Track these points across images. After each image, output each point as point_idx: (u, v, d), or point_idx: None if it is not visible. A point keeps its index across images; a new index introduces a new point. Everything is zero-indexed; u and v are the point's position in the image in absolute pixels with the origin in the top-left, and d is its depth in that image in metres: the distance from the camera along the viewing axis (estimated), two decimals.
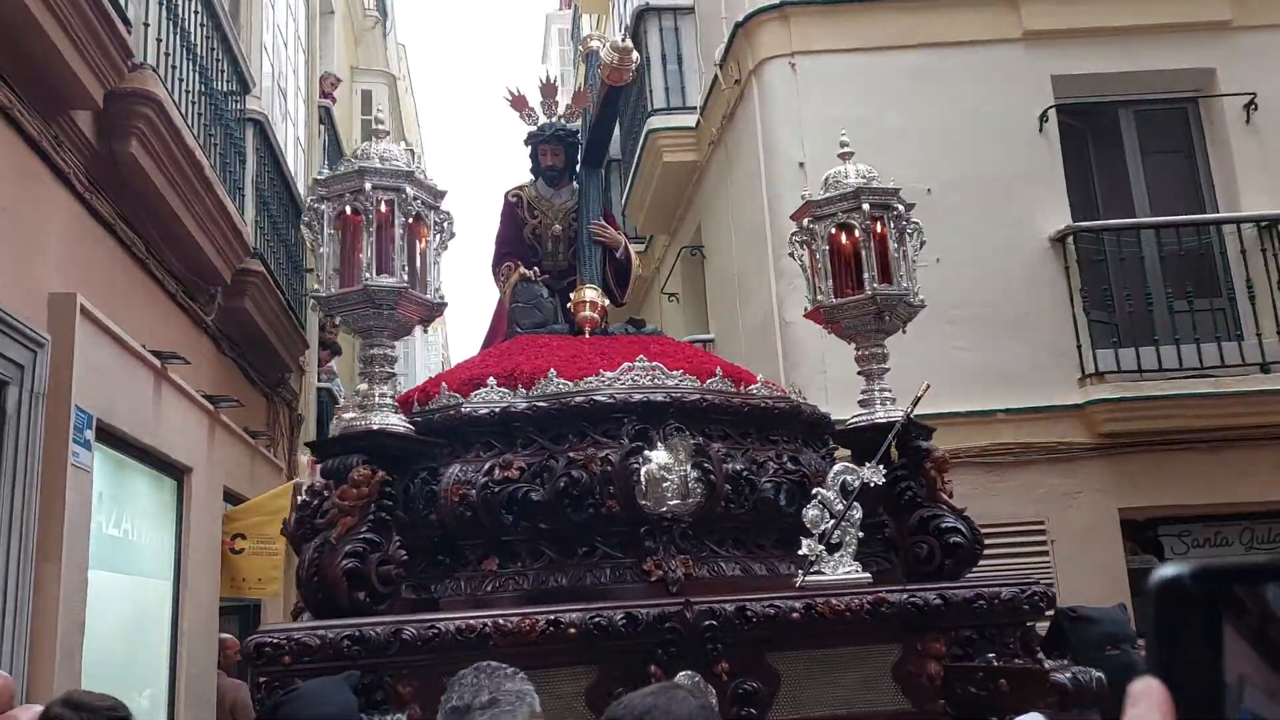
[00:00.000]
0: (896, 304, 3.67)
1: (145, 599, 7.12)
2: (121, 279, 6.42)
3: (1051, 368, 7.85)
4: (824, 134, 8.27)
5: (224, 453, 8.39)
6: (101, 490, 6.03)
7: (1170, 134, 8.53)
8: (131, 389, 6.32)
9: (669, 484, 3.14)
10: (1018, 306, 7.93)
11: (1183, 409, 7.57)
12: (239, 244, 7.93)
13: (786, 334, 8.23)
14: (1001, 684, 2.99)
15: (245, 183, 8.63)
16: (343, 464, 2.98)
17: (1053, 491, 7.78)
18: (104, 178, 6.00)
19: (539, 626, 2.83)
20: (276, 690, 2.65)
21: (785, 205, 8.33)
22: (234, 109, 8.43)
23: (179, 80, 6.77)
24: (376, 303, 3.05)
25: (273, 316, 9.19)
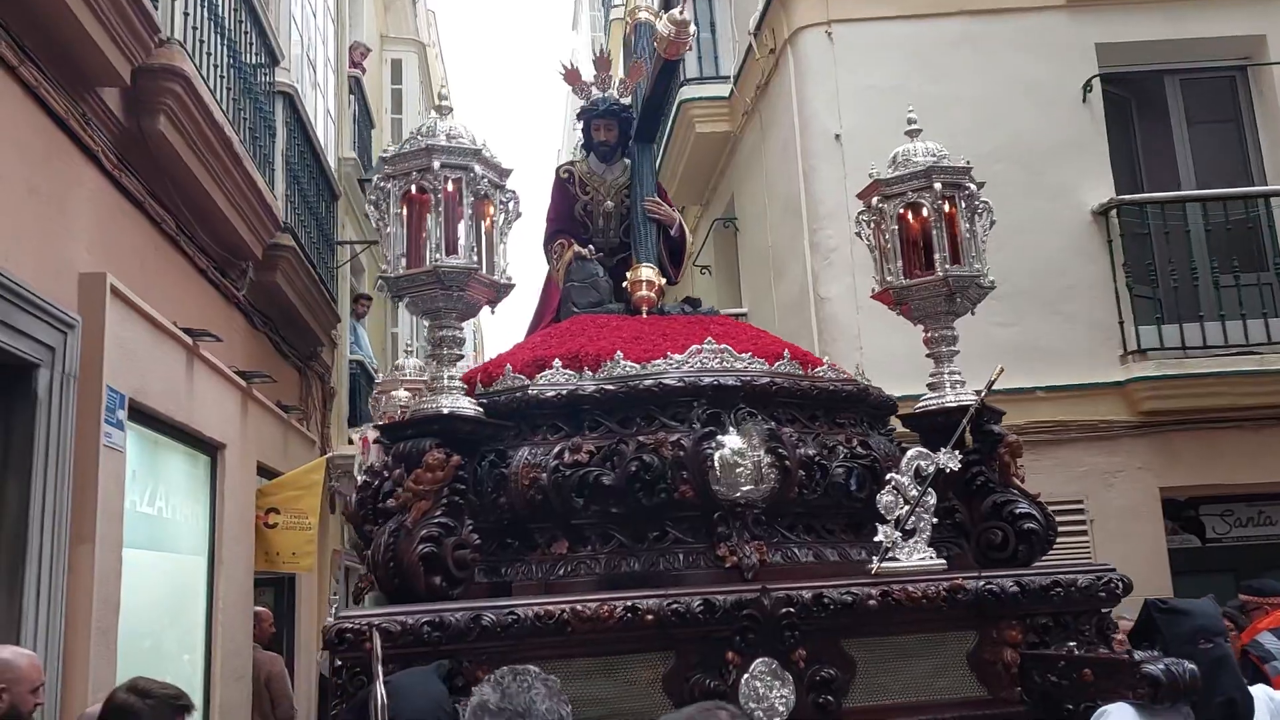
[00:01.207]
0: (968, 285, 3.59)
1: (180, 575, 7.15)
2: (151, 257, 6.39)
3: (1092, 344, 7.77)
4: (861, 104, 8.17)
5: (257, 428, 8.39)
6: (135, 469, 6.04)
7: (1218, 103, 8.38)
8: (163, 367, 6.31)
9: (742, 469, 3.09)
10: (1059, 281, 7.83)
11: (1227, 387, 7.48)
12: (269, 219, 7.90)
13: (821, 309, 8.15)
14: (1086, 673, 2.94)
15: (275, 156, 8.58)
16: (415, 447, 2.94)
17: (1092, 470, 7.71)
18: (133, 155, 5.96)
19: (617, 613, 2.79)
20: (359, 675, 2.62)
21: (820, 178, 8.24)
22: (263, 81, 8.37)
23: (207, 54, 6.72)
24: (446, 284, 2.99)
25: (304, 291, 9.17)
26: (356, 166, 11.81)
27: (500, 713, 1.77)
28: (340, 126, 11.46)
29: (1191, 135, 8.33)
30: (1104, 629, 3.34)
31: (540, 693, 1.81)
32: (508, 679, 1.83)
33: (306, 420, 9.91)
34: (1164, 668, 2.70)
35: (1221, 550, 7.95)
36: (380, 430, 3.33)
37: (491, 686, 1.83)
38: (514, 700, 1.77)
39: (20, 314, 4.53)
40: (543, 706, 1.78)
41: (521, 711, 1.77)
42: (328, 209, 10.43)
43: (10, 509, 4.61)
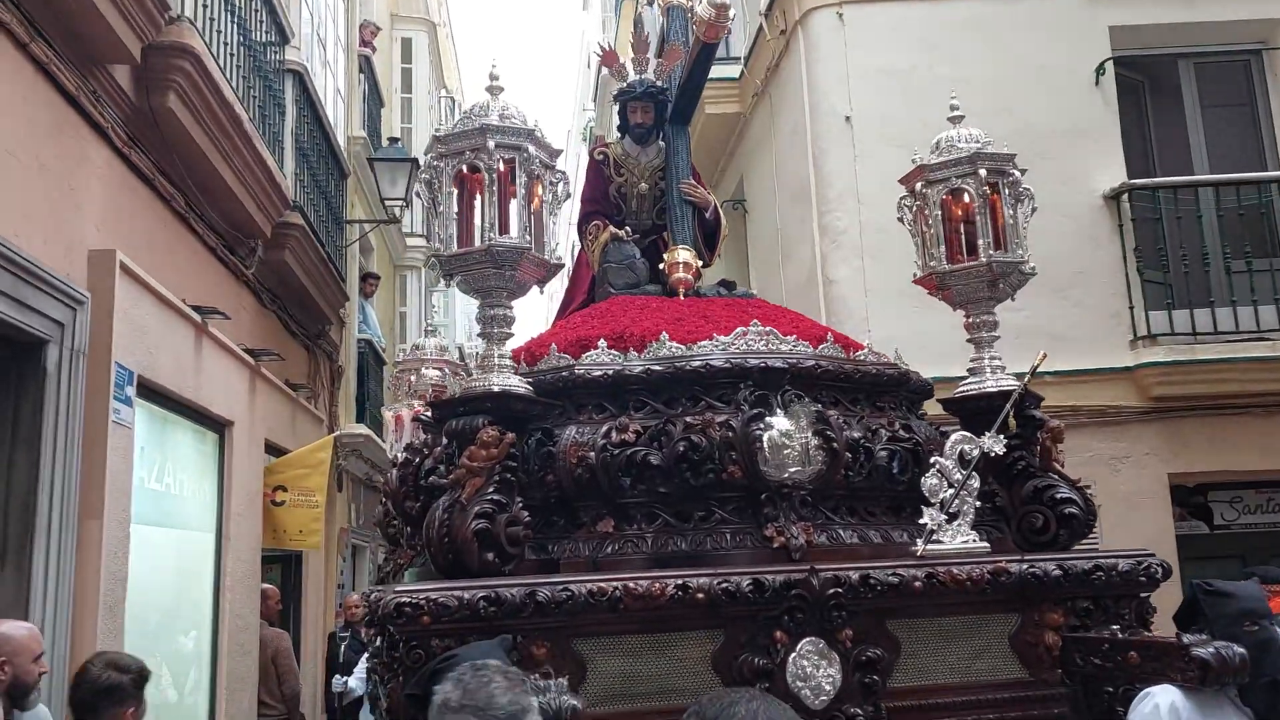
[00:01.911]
0: (1011, 272, 3.61)
1: (188, 551, 7.17)
2: (160, 234, 6.38)
3: (1102, 329, 7.78)
4: (872, 86, 8.15)
5: (265, 406, 8.40)
6: (143, 445, 6.05)
7: (1231, 88, 8.38)
8: (172, 344, 6.31)
9: (790, 451, 3.11)
10: (1069, 266, 7.83)
11: (1237, 373, 7.51)
12: (278, 197, 7.89)
13: (830, 292, 8.15)
14: (1131, 656, 2.97)
15: (284, 134, 8.56)
16: (468, 424, 2.95)
17: (1100, 455, 7.72)
18: (142, 132, 5.95)
19: (669, 591, 2.81)
20: (416, 650, 2.64)
21: (830, 160, 8.23)
22: (273, 60, 8.34)
23: (217, 32, 6.71)
24: (499, 263, 3.00)
25: (312, 269, 9.16)
26: (366, 146, 11.77)
27: (462, 709, 1.78)
28: (350, 105, 11.41)
29: (1205, 119, 8.34)
30: (1143, 613, 3.37)
31: (500, 685, 1.81)
32: (467, 675, 1.84)
33: (314, 399, 9.91)
34: (1214, 651, 2.73)
35: (1229, 537, 8.01)
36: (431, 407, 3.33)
37: (452, 684, 1.84)
38: (474, 696, 1.78)
39: (30, 290, 4.53)
40: (504, 699, 1.78)
41: (482, 706, 1.77)
42: (337, 188, 10.40)
43: (19, 484, 4.63)
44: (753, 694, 1.64)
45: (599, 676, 2.86)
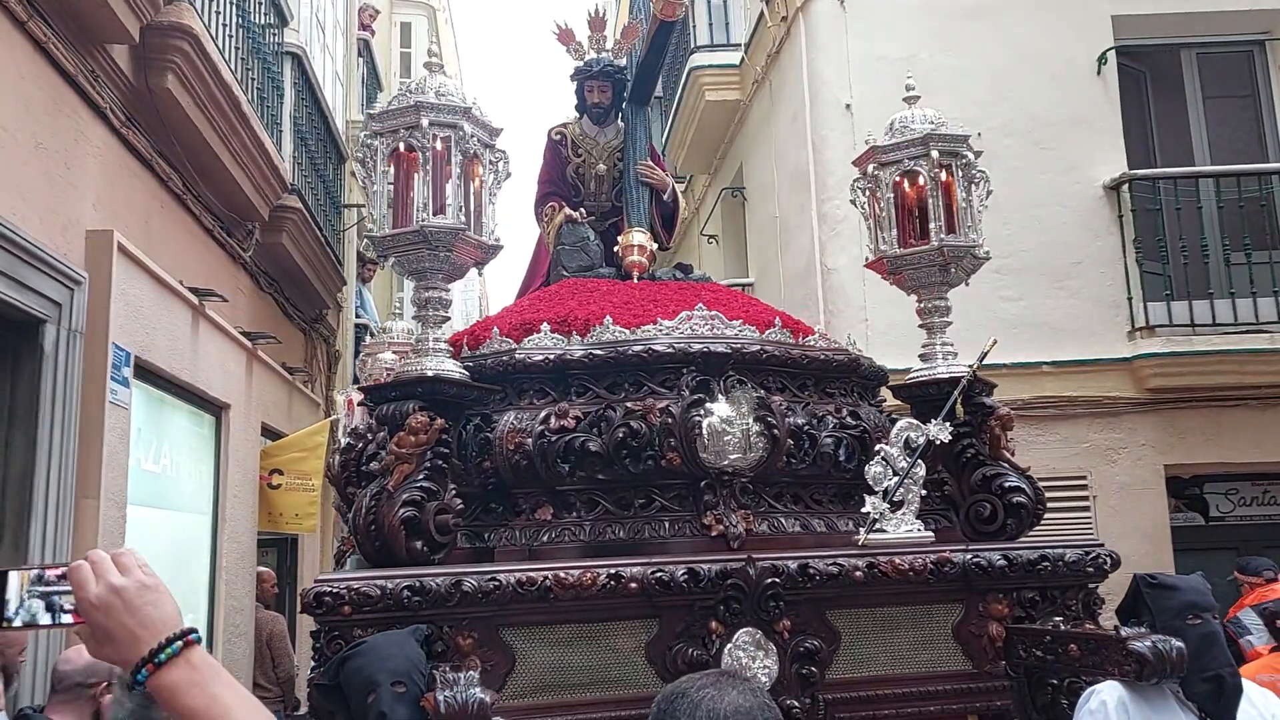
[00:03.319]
0: (963, 256, 3.54)
1: (184, 533, 7.19)
2: (158, 215, 6.39)
3: (1100, 320, 7.72)
4: (872, 74, 8.07)
5: (262, 389, 8.42)
6: (140, 426, 6.06)
7: (1234, 78, 8.26)
8: (169, 326, 6.32)
9: (731, 437, 3.05)
10: (1068, 256, 7.76)
11: (1235, 365, 7.42)
12: (276, 180, 7.89)
13: (828, 280, 8.10)
14: (1072, 649, 2.91)
15: (283, 117, 8.56)
16: (399, 410, 2.91)
17: (1096, 446, 7.68)
18: (140, 113, 5.95)
19: (600, 580, 2.77)
20: (337, 640, 2.61)
21: (830, 148, 8.16)
22: (272, 42, 8.34)
23: (216, 13, 6.71)
24: (433, 244, 2.95)
25: (310, 253, 9.17)
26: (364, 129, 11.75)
27: None
28: (349, 89, 11.41)
29: (1206, 110, 8.23)
30: (1090, 604, 3.31)
31: None
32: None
33: (311, 382, 9.93)
34: (1150, 645, 2.67)
35: (1225, 528, 7.92)
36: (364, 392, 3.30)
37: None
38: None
39: (27, 269, 4.53)
40: None
41: None
42: (335, 171, 10.41)
43: (16, 464, 4.64)
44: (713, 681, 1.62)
45: (529, 667, 2.82)
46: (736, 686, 1.59)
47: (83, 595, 1.36)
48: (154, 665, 1.34)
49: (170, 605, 1.39)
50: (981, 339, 3.70)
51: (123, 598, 1.36)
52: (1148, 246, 7.72)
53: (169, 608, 1.39)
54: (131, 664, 1.35)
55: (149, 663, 1.34)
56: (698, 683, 1.61)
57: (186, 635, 1.37)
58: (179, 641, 1.36)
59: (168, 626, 1.37)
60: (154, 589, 1.38)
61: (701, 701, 1.56)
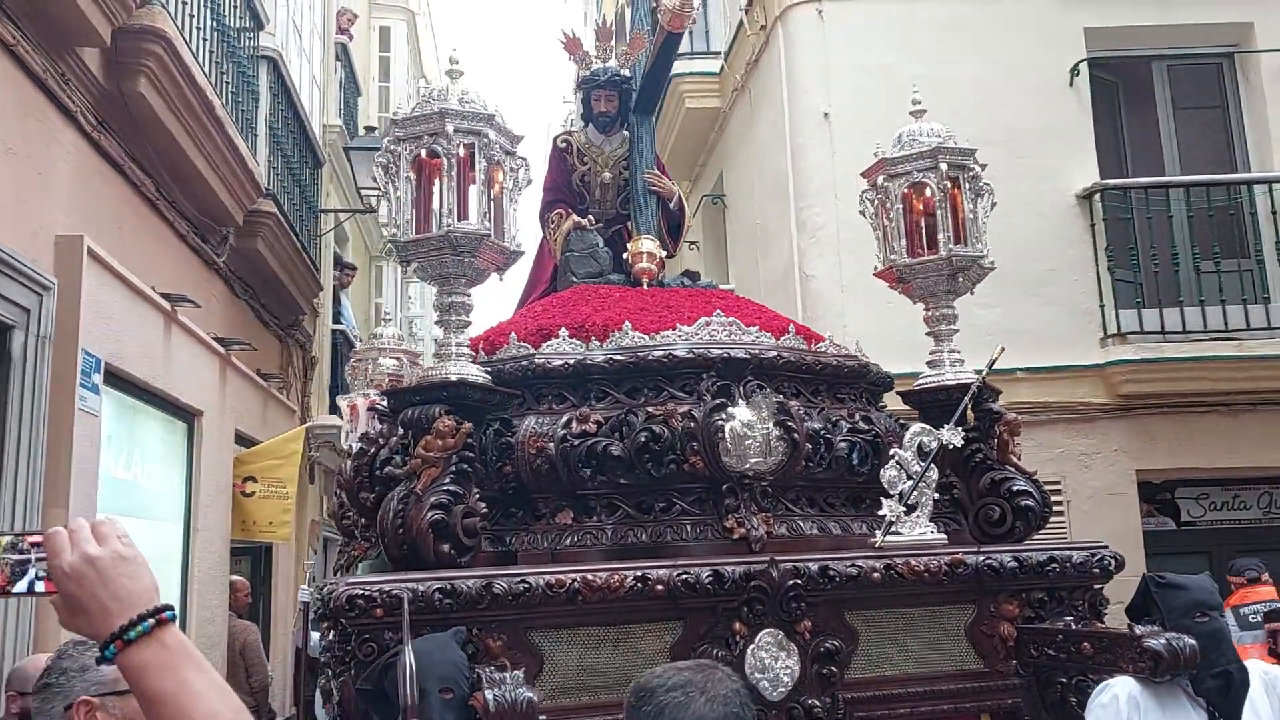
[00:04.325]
0: (970, 266, 3.62)
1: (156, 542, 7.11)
2: (130, 220, 6.34)
3: (1073, 327, 7.84)
4: (850, 84, 8.17)
5: (235, 396, 8.36)
6: (111, 433, 6.01)
7: (1204, 90, 8.45)
8: (141, 332, 6.27)
9: (752, 441, 3.10)
10: (1041, 264, 7.88)
11: (1205, 371, 7.58)
12: (251, 184, 7.85)
13: (807, 287, 8.18)
14: (1085, 647, 2.98)
15: (258, 122, 8.52)
16: (424, 414, 2.92)
17: (1069, 452, 7.79)
18: (112, 117, 5.90)
19: (627, 583, 2.80)
20: (368, 642, 2.62)
21: (809, 156, 8.24)
22: (247, 46, 8.30)
23: (189, 16, 6.67)
24: (458, 249, 2.97)
25: (286, 258, 9.11)
26: (342, 134, 11.72)
27: None
28: (326, 93, 11.36)
29: (1177, 121, 8.41)
30: (1096, 604, 3.39)
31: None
32: None
33: (286, 389, 9.86)
34: (1165, 642, 2.75)
35: (1196, 533, 8.09)
36: (387, 396, 3.31)
37: None
38: None
39: None
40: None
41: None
42: (312, 176, 10.35)
43: None
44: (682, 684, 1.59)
45: (556, 669, 2.84)
46: (706, 692, 1.57)
47: (56, 563, 1.32)
48: (123, 642, 1.29)
49: (147, 579, 1.33)
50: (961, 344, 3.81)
51: (97, 568, 1.31)
52: (1119, 255, 7.88)
53: (145, 581, 1.33)
54: (102, 638, 1.30)
55: (118, 639, 1.29)
56: (669, 682, 1.59)
57: (160, 613, 1.31)
58: (152, 619, 1.29)
59: (142, 601, 1.31)
60: (131, 560, 1.33)
61: (665, 708, 1.55)
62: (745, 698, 1.60)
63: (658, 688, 1.58)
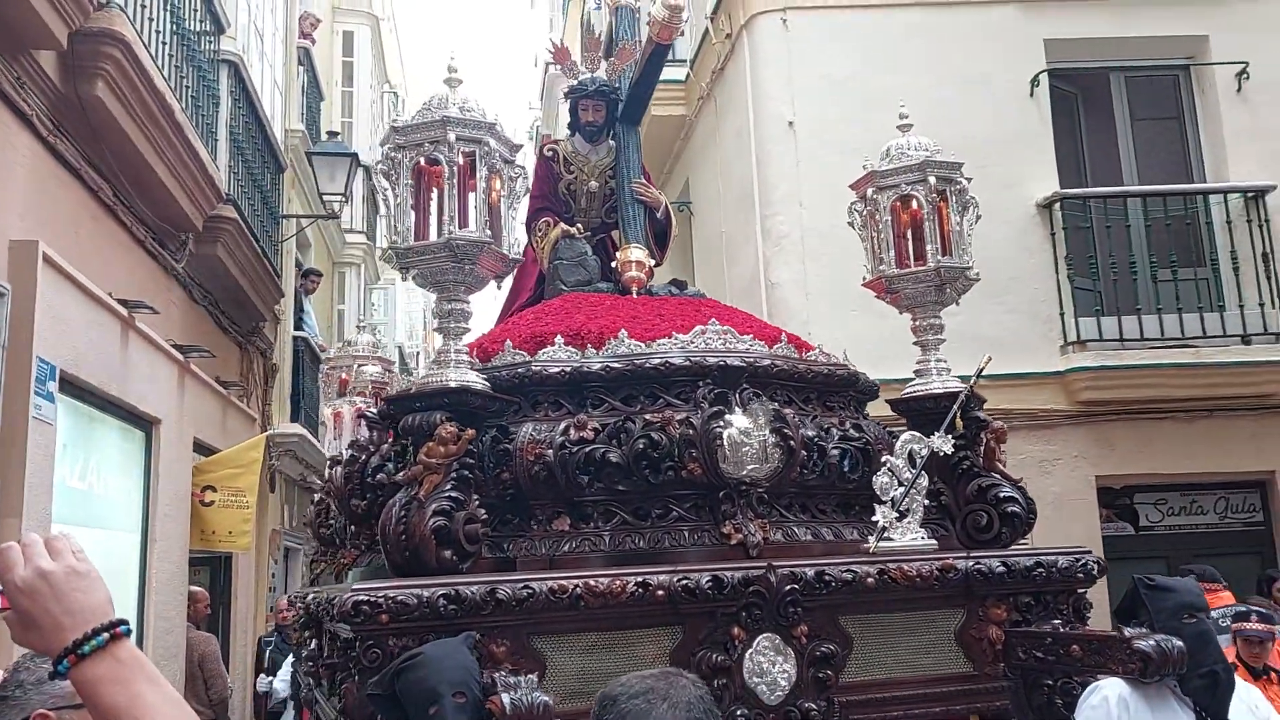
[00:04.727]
0: (957, 277, 3.69)
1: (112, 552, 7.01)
2: (87, 225, 6.25)
3: (1033, 334, 7.96)
4: (814, 93, 8.26)
5: (194, 403, 8.25)
6: (66, 442, 5.92)
7: (1161, 101, 8.63)
8: (97, 339, 6.19)
9: (749, 448, 3.13)
10: (1002, 272, 7.96)
11: (1163, 378, 7.73)
12: (211, 190, 7.76)
13: (772, 294, 8.24)
14: (1074, 649, 3.05)
15: (218, 126, 8.42)
16: (425, 420, 2.92)
17: (1030, 458, 7.88)
18: (69, 121, 5.82)
19: (629, 588, 2.82)
20: (373, 648, 2.62)
21: (774, 164, 8.31)
22: (207, 49, 8.21)
23: (149, 20, 6.60)
24: (458, 256, 2.98)
25: (246, 264, 9.01)
26: (304, 139, 11.61)
27: None
28: (288, 98, 11.24)
29: (1135, 132, 8.59)
30: (1080, 608, 3.46)
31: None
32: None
33: (247, 397, 9.74)
34: (1154, 644, 2.82)
35: (1154, 538, 8.25)
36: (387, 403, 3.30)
37: None
38: None
39: None
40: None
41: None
42: (273, 181, 10.24)
43: None
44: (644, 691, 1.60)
45: (557, 674, 2.85)
46: (668, 699, 1.57)
47: (9, 578, 1.31)
48: (76, 656, 1.29)
49: (101, 594, 1.33)
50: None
51: (50, 583, 1.31)
52: (1079, 263, 8.03)
53: (99, 596, 1.33)
54: (55, 653, 1.30)
55: (71, 653, 1.29)
56: (632, 689, 1.61)
57: (114, 627, 1.31)
58: (105, 634, 1.29)
59: (96, 616, 1.31)
60: (85, 575, 1.33)
61: (627, 716, 1.56)
62: (709, 704, 1.61)
63: (620, 695, 1.60)
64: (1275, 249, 7.88)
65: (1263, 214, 7.92)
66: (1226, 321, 7.82)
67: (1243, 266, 7.89)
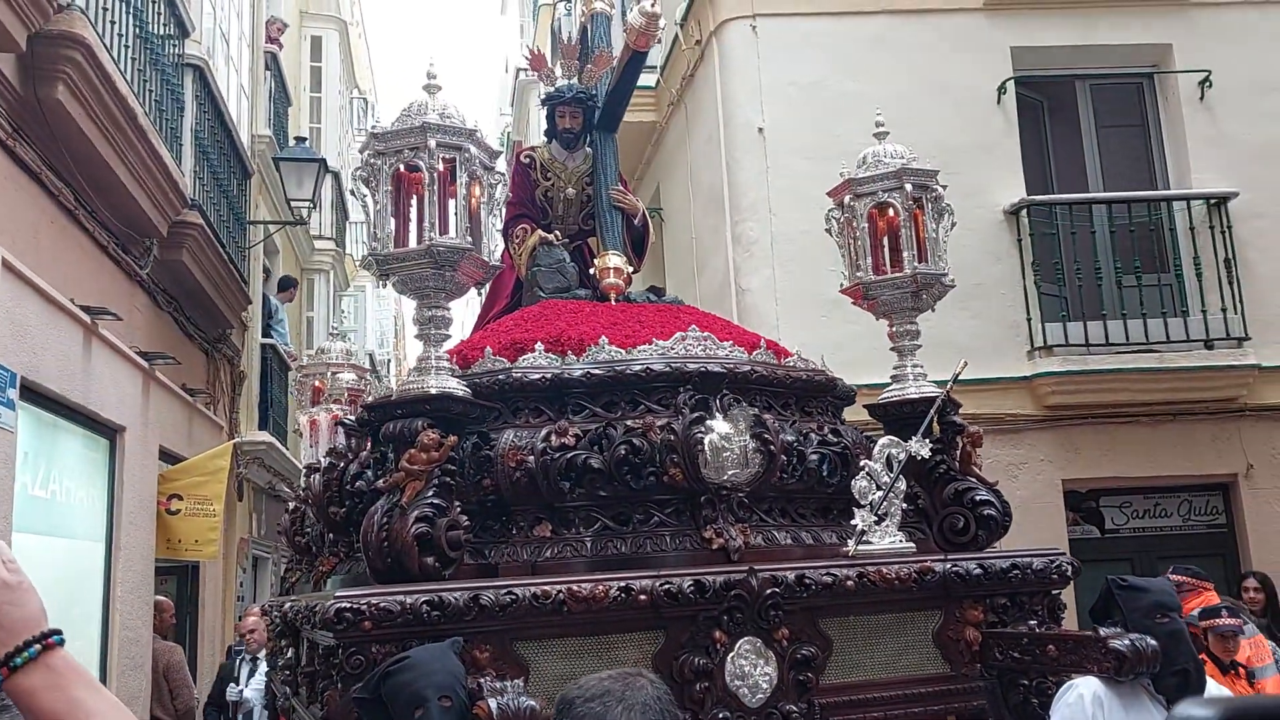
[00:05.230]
0: (933, 283, 3.73)
1: (75, 561, 6.94)
2: (48, 231, 6.19)
3: (1001, 340, 8.04)
4: (783, 99, 8.31)
5: (160, 411, 8.18)
6: (27, 450, 5.87)
7: (1125, 109, 8.76)
8: (59, 345, 6.13)
9: (729, 453, 3.16)
10: (970, 278, 8.01)
11: (1127, 383, 7.84)
12: (175, 195, 7.70)
13: (742, 300, 8.28)
14: (1050, 649, 3.09)
15: (183, 131, 8.36)
16: (407, 427, 2.92)
17: (998, 462, 7.93)
18: (28, 124, 5.77)
19: (612, 593, 2.83)
20: (356, 655, 2.61)
21: (744, 170, 8.35)
22: (171, 53, 8.15)
23: (110, 22, 6.55)
24: (439, 263, 2.98)
25: (212, 270, 8.94)
26: (271, 144, 11.53)
27: None
28: (255, 103, 11.17)
29: (1100, 139, 8.71)
30: (1054, 609, 3.51)
31: None
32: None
33: (214, 404, 9.66)
34: (1128, 643, 2.87)
35: (1120, 540, 8.35)
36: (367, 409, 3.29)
37: None
38: None
39: None
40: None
41: None
42: (240, 187, 10.17)
43: None
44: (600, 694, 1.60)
45: (540, 679, 2.85)
46: (624, 701, 1.58)
47: None
48: (8, 669, 1.30)
49: (34, 605, 1.34)
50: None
51: None
52: (1045, 269, 8.12)
53: (31, 608, 1.33)
54: None
55: (3, 666, 1.30)
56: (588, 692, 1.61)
57: (47, 638, 1.32)
58: (37, 645, 1.31)
59: (29, 628, 1.31)
60: (16, 588, 1.33)
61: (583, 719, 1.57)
62: (666, 704, 1.62)
63: (576, 699, 1.61)
64: (1237, 255, 8.02)
65: (1225, 220, 8.06)
66: (1190, 326, 7.95)
67: (1205, 272, 8.02)
